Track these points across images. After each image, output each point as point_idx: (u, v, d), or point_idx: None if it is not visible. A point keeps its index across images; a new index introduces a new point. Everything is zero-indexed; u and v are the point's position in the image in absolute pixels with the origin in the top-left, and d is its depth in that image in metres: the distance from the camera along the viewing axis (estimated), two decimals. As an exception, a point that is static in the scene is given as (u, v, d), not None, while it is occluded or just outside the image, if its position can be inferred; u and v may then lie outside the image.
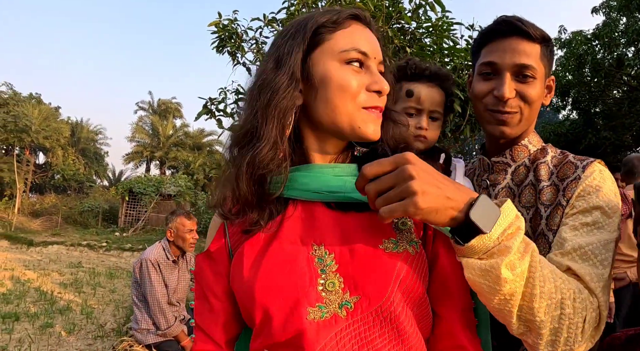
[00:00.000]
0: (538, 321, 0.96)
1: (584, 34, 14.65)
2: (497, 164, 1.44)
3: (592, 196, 1.22)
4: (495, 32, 1.36)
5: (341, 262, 0.99)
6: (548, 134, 15.02)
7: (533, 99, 1.33)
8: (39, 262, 13.75)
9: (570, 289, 1.02)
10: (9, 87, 38.38)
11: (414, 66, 1.52)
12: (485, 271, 0.90)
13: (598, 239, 1.16)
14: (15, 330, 6.76)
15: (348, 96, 1.01)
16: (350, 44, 1.02)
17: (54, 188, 39.78)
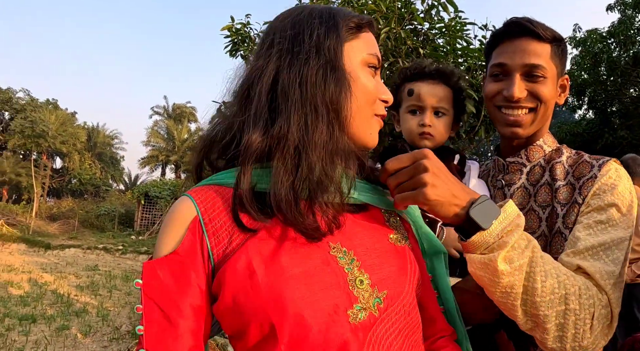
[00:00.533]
0: (542, 316, 1.01)
1: (599, 32, 14.45)
2: (512, 165, 1.44)
3: (607, 194, 1.23)
4: (505, 33, 1.37)
5: (361, 258, 0.94)
6: (564, 134, 14.85)
7: (546, 97, 1.33)
8: (56, 265, 13.90)
9: (575, 285, 1.04)
10: (26, 94, 39.01)
11: (414, 66, 1.55)
12: (484, 264, 0.98)
13: (611, 238, 1.16)
14: (32, 331, 6.83)
15: (370, 100, 0.99)
16: (373, 49, 1.00)
17: (70, 192, 40.27)
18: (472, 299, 1.20)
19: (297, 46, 0.93)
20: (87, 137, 41.98)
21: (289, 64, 0.92)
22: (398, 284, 0.96)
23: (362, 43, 0.99)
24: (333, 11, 0.98)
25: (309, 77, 0.91)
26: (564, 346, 1.04)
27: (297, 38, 0.94)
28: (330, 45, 0.93)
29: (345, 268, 0.91)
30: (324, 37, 0.93)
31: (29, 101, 38.09)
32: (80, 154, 40.29)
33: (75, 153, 38.98)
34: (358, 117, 0.97)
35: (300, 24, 0.96)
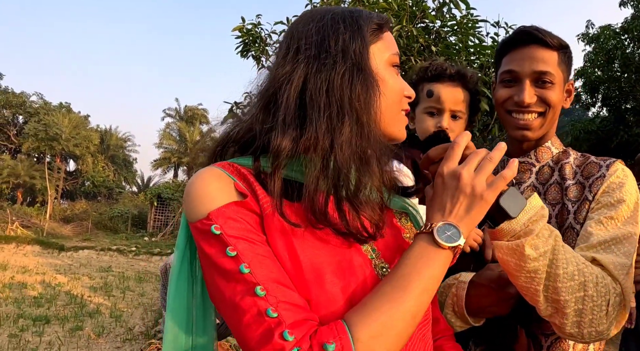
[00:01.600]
0: (563, 301, 1.09)
1: (613, 28, 14.30)
2: (522, 164, 1.50)
3: (617, 191, 1.32)
4: (514, 41, 1.44)
5: (382, 249, 1.00)
6: (578, 132, 14.70)
7: (554, 102, 1.41)
8: (69, 266, 14.03)
9: (592, 273, 1.12)
10: (39, 97, 39.46)
11: (434, 67, 1.55)
12: (512, 249, 1.04)
13: (622, 233, 1.24)
14: (46, 332, 6.91)
15: (398, 99, 1.02)
16: (395, 48, 1.02)
17: (84, 194, 40.61)
18: (487, 292, 1.27)
19: (323, 52, 0.94)
20: (100, 140, 42.29)
21: (317, 70, 0.93)
22: None
23: (385, 44, 1.01)
24: (355, 14, 0.99)
25: (336, 82, 0.91)
26: (581, 331, 1.12)
27: (323, 44, 0.95)
28: (356, 49, 0.94)
29: (369, 256, 0.96)
30: (349, 42, 0.95)
31: (42, 104, 38.50)
32: (94, 156, 40.61)
33: (88, 156, 39.30)
34: (388, 115, 0.99)
35: (325, 30, 0.96)
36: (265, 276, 0.80)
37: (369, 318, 0.79)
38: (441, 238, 0.88)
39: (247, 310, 0.77)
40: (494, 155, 0.94)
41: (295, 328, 0.75)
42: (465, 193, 0.91)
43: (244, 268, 0.79)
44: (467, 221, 0.91)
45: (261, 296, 0.77)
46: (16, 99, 38.20)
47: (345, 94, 0.91)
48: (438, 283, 0.88)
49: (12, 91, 38.65)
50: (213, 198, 0.87)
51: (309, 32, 0.96)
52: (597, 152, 11.57)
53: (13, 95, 38.32)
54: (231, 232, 0.83)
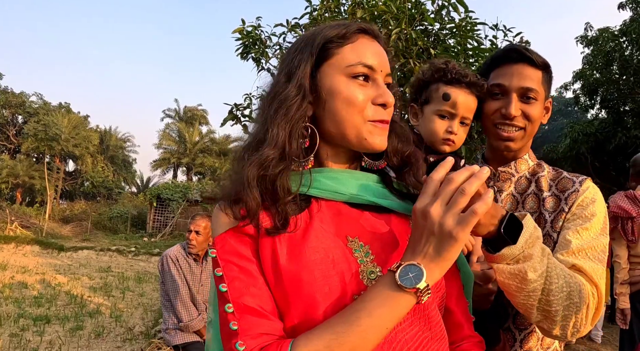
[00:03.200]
0: (553, 311, 1.20)
1: (611, 30, 14.35)
2: (503, 173, 1.62)
3: (590, 206, 1.46)
4: (504, 58, 1.55)
5: (377, 253, 1.03)
6: (577, 134, 14.73)
7: (535, 118, 1.53)
8: (69, 266, 14.04)
9: (576, 283, 1.23)
10: (39, 97, 39.39)
11: (454, 70, 1.53)
12: (514, 274, 1.13)
13: (596, 243, 1.39)
14: (46, 332, 6.92)
15: (355, 110, 1.04)
16: (357, 59, 1.05)
17: (83, 195, 40.56)
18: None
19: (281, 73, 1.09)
20: (100, 141, 42.18)
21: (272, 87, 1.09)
22: None
23: (345, 56, 1.05)
24: (317, 31, 1.08)
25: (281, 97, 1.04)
26: (565, 332, 1.24)
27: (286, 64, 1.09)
28: (301, 69, 1.05)
29: (359, 260, 1.00)
30: (298, 62, 1.06)
31: (42, 104, 38.44)
32: (93, 157, 40.55)
33: (87, 156, 39.23)
34: (345, 126, 1.05)
35: (290, 51, 1.11)
36: (237, 294, 0.95)
37: (310, 344, 0.87)
38: (402, 279, 0.87)
39: (222, 322, 0.95)
40: (467, 188, 0.88)
41: (248, 340, 0.89)
42: (432, 233, 0.88)
43: (222, 287, 0.97)
44: (439, 261, 0.88)
45: (229, 312, 0.94)
46: (16, 99, 38.12)
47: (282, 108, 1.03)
48: (392, 322, 0.88)
49: (11, 91, 38.57)
50: (218, 226, 1.04)
51: (286, 52, 1.13)
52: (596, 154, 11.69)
53: (12, 95, 38.24)
54: (222, 255, 1.00)
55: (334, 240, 1.02)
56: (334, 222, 1.05)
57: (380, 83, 1.07)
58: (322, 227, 1.03)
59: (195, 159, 40.59)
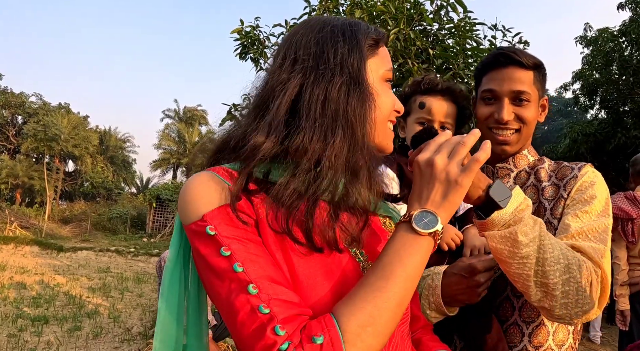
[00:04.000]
0: (551, 284, 1.18)
1: (611, 31, 14.33)
2: (501, 170, 1.63)
3: (589, 189, 1.45)
4: (494, 63, 1.56)
5: (369, 252, 1.04)
6: (576, 134, 14.70)
7: (529, 120, 1.55)
8: (68, 267, 14.03)
9: (575, 256, 1.22)
10: (38, 98, 39.40)
11: (427, 81, 1.68)
12: (505, 237, 1.13)
13: (597, 224, 1.37)
14: (44, 332, 6.92)
15: (388, 114, 1.04)
16: (389, 64, 1.05)
17: (83, 195, 40.54)
18: (457, 280, 1.37)
19: (322, 64, 0.96)
20: (99, 141, 42.23)
21: (314, 81, 0.95)
22: None
23: (381, 59, 1.03)
24: (355, 28, 1.01)
25: (333, 93, 0.94)
26: (569, 312, 1.21)
27: (322, 56, 0.97)
28: (354, 62, 0.97)
29: (357, 259, 1.00)
30: (348, 55, 0.97)
31: (42, 105, 38.46)
32: (93, 157, 40.58)
33: (87, 156, 39.27)
34: (379, 128, 1.02)
35: (324, 41, 0.98)
36: (258, 274, 0.82)
37: (356, 309, 0.81)
38: (418, 224, 0.90)
39: (241, 308, 0.80)
40: (467, 140, 0.95)
41: (287, 323, 0.78)
42: (440, 180, 0.92)
43: (237, 266, 0.82)
44: (446, 206, 0.92)
45: (253, 293, 0.80)
46: (15, 99, 38.14)
47: (341, 106, 0.93)
48: (421, 270, 0.90)
49: (11, 92, 38.59)
50: (207, 200, 0.89)
51: (308, 43, 0.99)
52: (595, 154, 11.64)
53: (12, 95, 38.26)
54: (225, 233, 0.86)
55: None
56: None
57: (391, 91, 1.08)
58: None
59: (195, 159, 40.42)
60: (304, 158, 0.91)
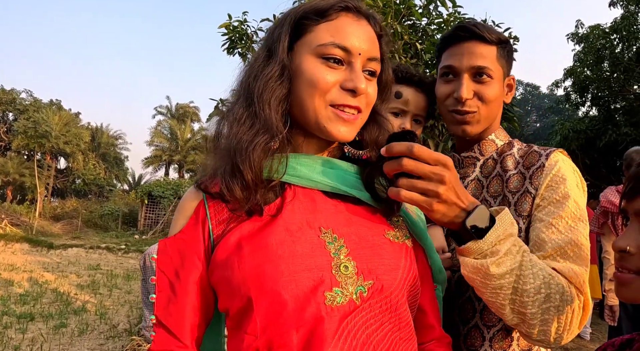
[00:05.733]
0: (529, 314, 1.10)
1: (602, 28, 14.38)
2: (466, 159, 1.53)
3: (560, 185, 1.31)
4: (453, 37, 1.45)
5: (351, 246, 0.97)
6: (567, 131, 14.78)
7: (490, 98, 1.42)
8: (58, 264, 13.92)
9: (559, 284, 1.13)
10: (28, 94, 39.15)
11: (404, 70, 1.60)
12: (477, 268, 1.05)
13: (576, 236, 1.25)
14: (29, 329, 6.85)
15: (316, 92, 0.97)
16: (329, 38, 0.97)
17: (75, 192, 40.40)
18: None
19: (261, 43, 1.05)
20: (91, 138, 42.06)
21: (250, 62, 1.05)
22: (387, 278, 0.97)
23: (319, 34, 0.98)
24: (299, 6, 1.02)
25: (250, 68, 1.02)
26: (547, 338, 1.14)
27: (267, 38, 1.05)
28: (274, 37, 1.01)
29: (331, 253, 0.94)
30: (277, 36, 1.00)
31: (32, 101, 38.23)
32: (84, 154, 40.39)
33: (79, 153, 39.07)
34: (305, 108, 0.99)
35: (272, 27, 1.06)
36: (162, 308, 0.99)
37: None
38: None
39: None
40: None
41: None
42: None
43: (150, 298, 1.02)
44: None
45: (151, 325, 1.04)
46: (6, 96, 37.91)
47: (250, 80, 1.01)
48: None
49: (2, 88, 38.35)
50: (173, 226, 1.06)
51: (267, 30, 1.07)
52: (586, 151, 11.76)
53: (3, 92, 38.02)
54: (161, 265, 1.02)
55: (306, 231, 0.96)
56: (307, 211, 1.00)
57: (357, 68, 0.99)
58: (294, 216, 0.98)
59: (187, 156, 40.49)
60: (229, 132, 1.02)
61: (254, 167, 0.95)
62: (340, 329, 0.89)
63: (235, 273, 0.92)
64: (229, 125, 1.01)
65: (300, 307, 0.88)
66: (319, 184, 1.03)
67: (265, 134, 0.97)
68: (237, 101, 1.03)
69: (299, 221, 0.98)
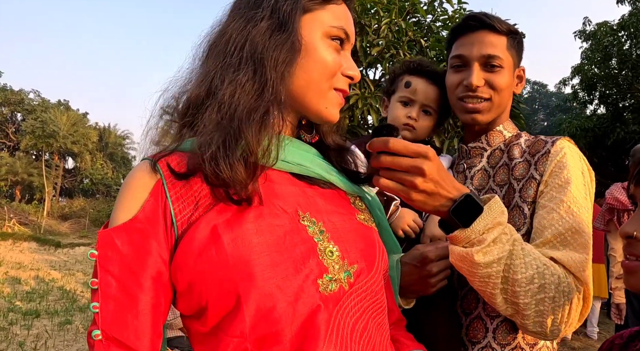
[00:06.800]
0: (522, 304, 1.10)
1: (610, 25, 14.28)
2: (473, 149, 1.53)
3: (563, 170, 1.29)
4: (464, 27, 1.45)
5: (330, 231, 0.92)
6: (575, 129, 14.68)
7: (501, 86, 1.42)
8: (65, 263, 14.01)
9: (554, 274, 1.11)
10: (36, 95, 39.40)
11: (417, 62, 1.64)
12: (462, 257, 1.06)
13: (577, 222, 1.22)
14: (35, 326, 6.88)
15: (326, 73, 0.96)
16: (338, 21, 0.97)
17: (82, 192, 40.63)
18: (410, 270, 1.26)
19: (255, 9, 0.93)
20: (99, 138, 42.32)
21: (241, 26, 0.92)
22: (368, 261, 0.94)
23: (328, 14, 0.96)
24: None
25: (255, 36, 0.90)
26: (544, 330, 1.13)
27: (257, 3, 0.94)
28: (286, 8, 0.92)
29: (314, 238, 0.88)
30: (282, 1, 0.93)
31: (40, 102, 38.48)
32: (92, 154, 40.64)
33: (86, 153, 39.31)
34: (311, 88, 0.95)
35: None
36: (109, 321, 0.79)
37: None
38: None
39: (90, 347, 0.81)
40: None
41: None
42: None
43: (92, 307, 0.80)
44: None
45: (95, 339, 0.79)
46: (15, 96, 38.21)
47: (258, 48, 0.89)
48: None
49: (10, 89, 38.64)
50: (118, 211, 0.85)
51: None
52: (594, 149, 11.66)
53: (11, 92, 38.33)
54: (104, 262, 0.81)
55: (285, 217, 0.88)
56: (284, 195, 0.92)
57: (349, 55, 1.01)
58: (270, 200, 0.88)
59: (194, 156, 40.57)
60: (215, 101, 0.88)
61: (261, 141, 0.86)
62: (332, 319, 0.83)
63: (215, 267, 0.79)
64: (228, 90, 0.88)
65: (294, 299, 0.80)
66: (293, 167, 0.97)
67: (276, 106, 0.91)
68: (231, 63, 0.90)
69: (275, 205, 0.89)
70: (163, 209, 0.84)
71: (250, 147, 0.84)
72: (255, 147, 0.85)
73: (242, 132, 0.85)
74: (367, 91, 4.20)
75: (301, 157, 0.99)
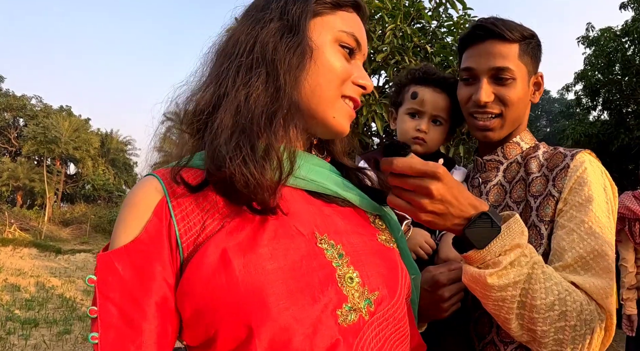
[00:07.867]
0: (540, 331, 1.02)
1: (613, 30, 14.21)
2: (489, 163, 1.43)
3: (584, 187, 1.20)
4: (471, 37, 1.36)
5: (350, 254, 0.85)
6: (578, 135, 14.59)
7: (512, 101, 1.32)
8: (65, 269, 13.96)
9: (576, 301, 1.03)
10: (38, 100, 39.51)
11: (422, 70, 1.55)
12: (475, 278, 0.99)
13: (599, 245, 1.13)
14: (33, 336, 6.81)
15: (336, 80, 0.91)
16: (349, 27, 0.93)
17: (84, 198, 40.63)
18: (422, 294, 1.17)
19: (264, 11, 0.90)
20: (101, 143, 42.37)
21: (249, 28, 0.88)
22: (390, 287, 0.88)
23: (338, 20, 0.92)
24: None
25: (264, 37, 0.86)
26: None
27: (268, 4, 0.91)
28: (295, 11, 0.88)
29: (333, 263, 0.82)
30: (291, 4, 0.89)
31: (42, 107, 38.58)
32: (94, 160, 40.68)
33: (88, 159, 39.35)
34: (320, 93, 0.89)
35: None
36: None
37: None
38: None
39: None
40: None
41: None
42: None
43: (90, 338, 0.73)
44: None
45: None
46: (17, 102, 38.34)
47: (269, 50, 0.84)
48: None
49: (12, 94, 38.76)
50: (119, 232, 0.79)
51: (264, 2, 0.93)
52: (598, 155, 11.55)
53: (14, 98, 38.47)
54: (103, 288, 0.74)
55: (301, 239, 0.81)
56: (300, 214, 0.85)
57: (361, 65, 0.96)
58: (284, 221, 0.82)
59: (196, 162, 40.69)
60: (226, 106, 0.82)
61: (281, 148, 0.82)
62: (355, 348, 0.77)
63: (225, 294, 0.73)
64: (242, 93, 0.82)
65: (312, 331, 0.74)
66: (309, 184, 0.90)
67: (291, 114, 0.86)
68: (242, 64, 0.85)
69: (291, 226, 0.82)
70: (167, 230, 0.78)
71: (277, 153, 0.80)
72: (280, 153, 0.81)
73: (267, 137, 0.81)
74: (371, 98, 4.13)
75: (316, 174, 0.92)
